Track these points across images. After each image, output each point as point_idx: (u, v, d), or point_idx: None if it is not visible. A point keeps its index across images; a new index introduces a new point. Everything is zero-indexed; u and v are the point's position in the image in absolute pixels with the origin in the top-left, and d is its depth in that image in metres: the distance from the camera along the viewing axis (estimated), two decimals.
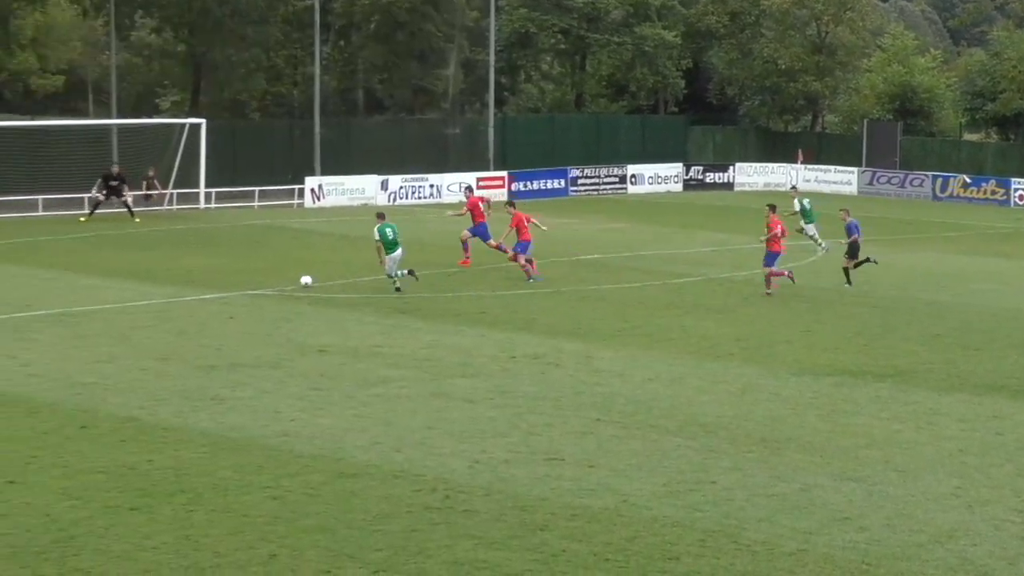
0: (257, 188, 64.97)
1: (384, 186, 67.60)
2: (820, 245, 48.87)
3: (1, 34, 74.04)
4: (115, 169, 56.07)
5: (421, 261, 42.43)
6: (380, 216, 39.39)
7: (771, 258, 39.70)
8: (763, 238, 40.08)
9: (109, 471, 20.38)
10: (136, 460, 21.00)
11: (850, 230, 41.22)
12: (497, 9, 78.32)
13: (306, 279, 38.72)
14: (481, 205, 44.34)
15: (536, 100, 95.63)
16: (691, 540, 17.74)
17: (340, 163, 69.20)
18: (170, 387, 26.02)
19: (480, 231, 43.88)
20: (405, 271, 38.53)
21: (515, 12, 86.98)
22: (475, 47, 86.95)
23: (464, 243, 43.96)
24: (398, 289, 38.06)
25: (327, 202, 64.44)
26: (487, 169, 73.74)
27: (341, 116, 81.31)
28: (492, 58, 76.45)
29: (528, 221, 41.48)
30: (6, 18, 72.99)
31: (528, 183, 73.27)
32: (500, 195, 70.89)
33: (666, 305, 37.44)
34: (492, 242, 43.45)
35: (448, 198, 68.57)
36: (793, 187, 65.52)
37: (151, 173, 61.77)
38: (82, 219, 55.42)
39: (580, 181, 75.88)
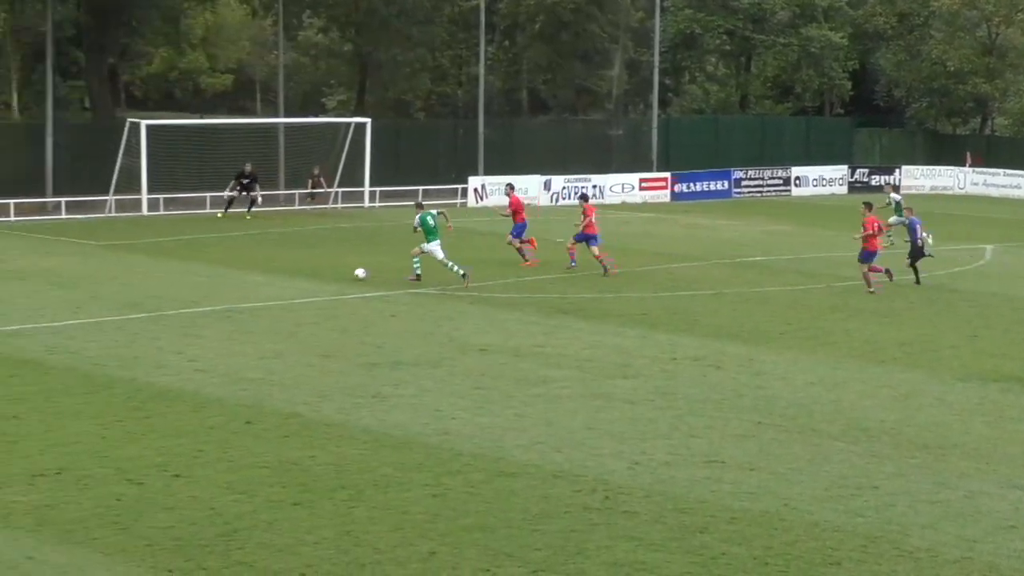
0: (420, 187, 65.45)
1: (547, 186, 67.73)
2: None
3: (172, 33, 75.30)
4: (248, 168, 56.68)
5: (583, 261, 42.43)
6: (419, 206, 40.37)
7: (867, 256, 39.85)
8: (857, 236, 40.30)
9: (273, 466, 20.64)
10: (299, 456, 21.24)
11: (913, 228, 41.08)
12: (662, 10, 78.11)
13: (360, 272, 39.15)
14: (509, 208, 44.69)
15: (700, 101, 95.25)
16: (852, 545, 17.54)
17: (503, 163, 69.45)
18: (333, 384, 26.29)
19: (518, 230, 44.07)
20: (462, 271, 38.91)
21: (680, 13, 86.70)
22: (639, 48, 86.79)
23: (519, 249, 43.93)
24: (464, 276, 38.68)
25: (490, 201, 64.69)
26: (649, 170, 73.58)
27: (505, 116, 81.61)
28: (656, 59, 76.24)
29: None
30: (177, 18, 74.22)
31: (691, 184, 72.98)
32: (663, 196, 70.72)
33: (830, 308, 37.07)
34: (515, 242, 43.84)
35: (611, 199, 68.52)
36: (888, 184, 64.61)
37: (316, 171, 62.45)
38: (219, 215, 56.18)
39: (743, 183, 75.42)
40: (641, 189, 71.00)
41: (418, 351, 29.64)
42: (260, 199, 57.15)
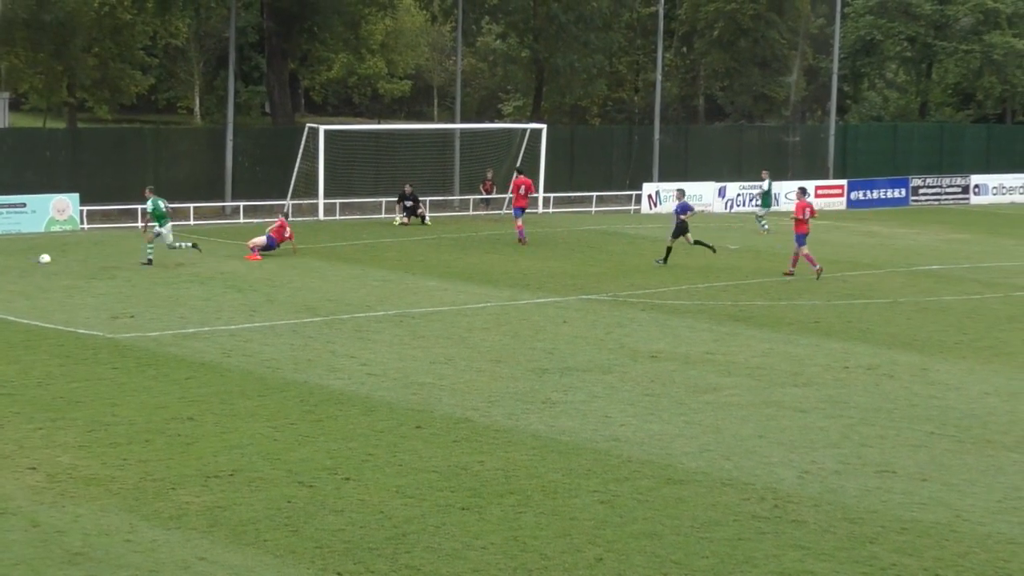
0: (595, 193, 65.46)
1: (721, 193, 67.33)
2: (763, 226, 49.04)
3: (352, 39, 76.10)
4: (407, 189, 56.75)
5: (756, 269, 42.14)
6: (151, 191, 43.02)
7: (799, 239, 42.32)
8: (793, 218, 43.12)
9: (442, 471, 20.76)
10: (468, 460, 21.35)
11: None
12: (842, 16, 77.29)
13: (44, 257, 41.36)
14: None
15: (879, 108, 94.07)
16: None
17: (678, 169, 69.21)
18: (503, 389, 26.38)
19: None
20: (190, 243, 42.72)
21: (860, 19, 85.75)
22: (818, 54, 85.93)
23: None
24: (194, 246, 42.67)
25: (664, 208, 64.45)
26: (826, 177, 72.82)
27: (680, 123, 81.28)
28: (836, 65, 75.46)
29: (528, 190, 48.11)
30: (357, 24, 75.01)
31: (867, 192, 72.09)
32: (839, 204, 69.99)
33: (1007, 318, 36.39)
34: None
35: (786, 206, 67.90)
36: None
37: (489, 176, 62.72)
38: (395, 222, 56.52)
39: (921, 191, 74.29)
40: (817, 196, 70.28)
41: (588, 357, 29.64)
42: (427, 217, 57.28)
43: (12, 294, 35.93)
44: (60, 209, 50.90)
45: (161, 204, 42.06)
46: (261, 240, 44.76)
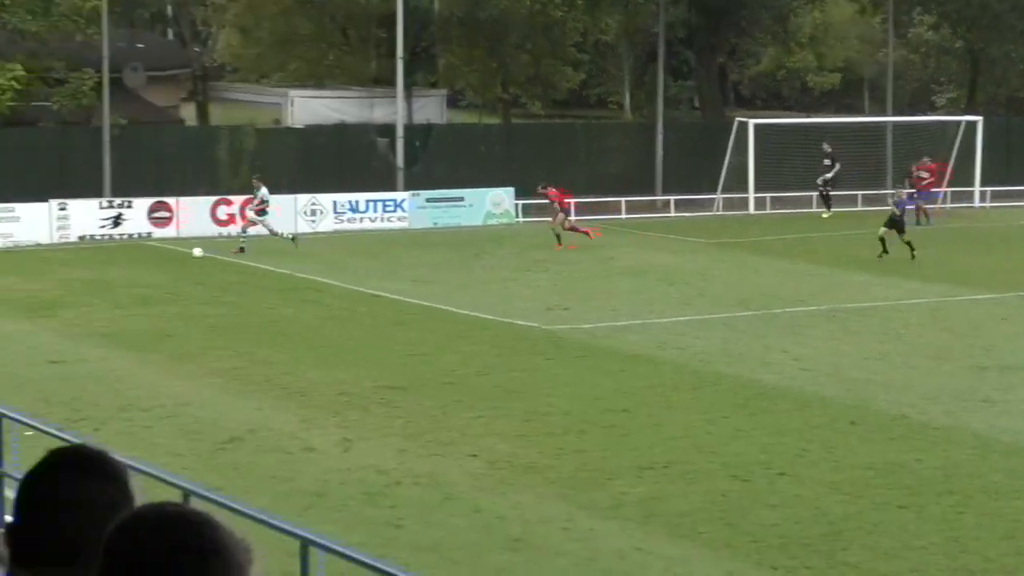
0: None
1: None
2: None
3: (780, 33, 75.66)
4: (826, 147, 56.02)
5: None
6: None
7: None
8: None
9: (878, 468, 20.46)
10: (905, 458, 20.98)
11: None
12: None
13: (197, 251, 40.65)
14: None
15: None
16: None
17: None
18: (940, 386, 25.82)
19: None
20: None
21: None
22: None
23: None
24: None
25: None
26: None
27: None
28: None
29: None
30: (787, 17, 74.51)
31: None
32: None
33: None
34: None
35: None
36: None
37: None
38: (824, 215, 55.72)
39: None
40: None
41: None
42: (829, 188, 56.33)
43: (453, 286, 37.03)
44: (496, 203, 52.18)
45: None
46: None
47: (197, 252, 40.98)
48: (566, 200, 45.96)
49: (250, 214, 43.24)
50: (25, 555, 3.43)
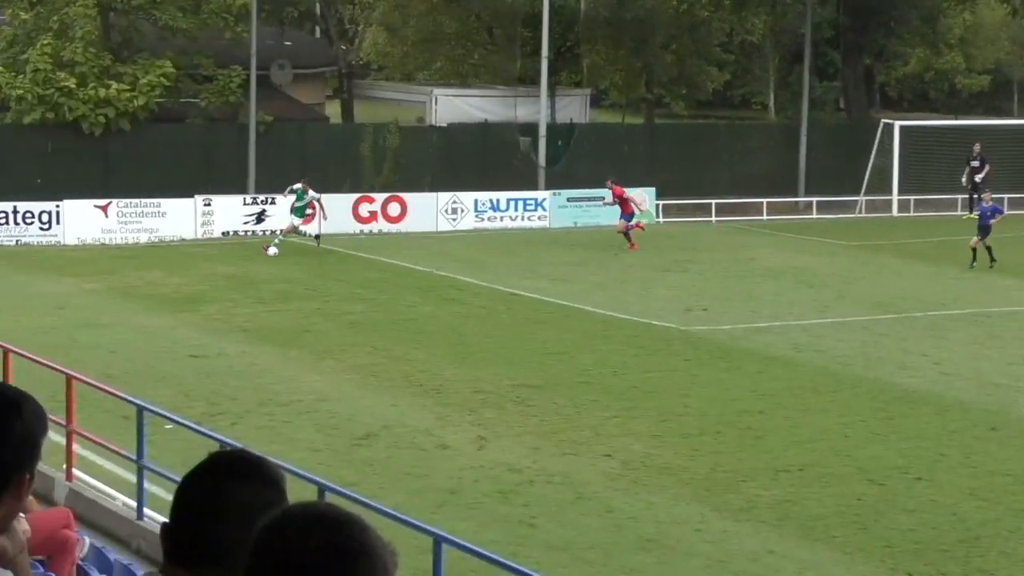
0: None
1: None
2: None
3: (929, 34, 74.76)
4: (976, 148, 55.07)
5: None
6: None
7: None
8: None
9: (1017, 474, 20.19)
10: None
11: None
12: None
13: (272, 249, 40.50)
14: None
15: None
16: None
17: None
18: None
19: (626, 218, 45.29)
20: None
21: None
22: None
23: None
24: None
25: None
26: None
27: None
28: None
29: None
30: (936, 18, 73.63)
31: None
32: None
33: None
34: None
35: None
36: None
37: None
38: (964, 217, 54.87)
39: None
40: None
41: None
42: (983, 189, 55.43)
43: (591, 285, 37.04)
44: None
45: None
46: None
47: (272, 251, 40.79)
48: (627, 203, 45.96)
49: (295, 218, 42.45)
50: (179, 554, 3.54)
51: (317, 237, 42.11)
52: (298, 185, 42.07)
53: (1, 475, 3.79)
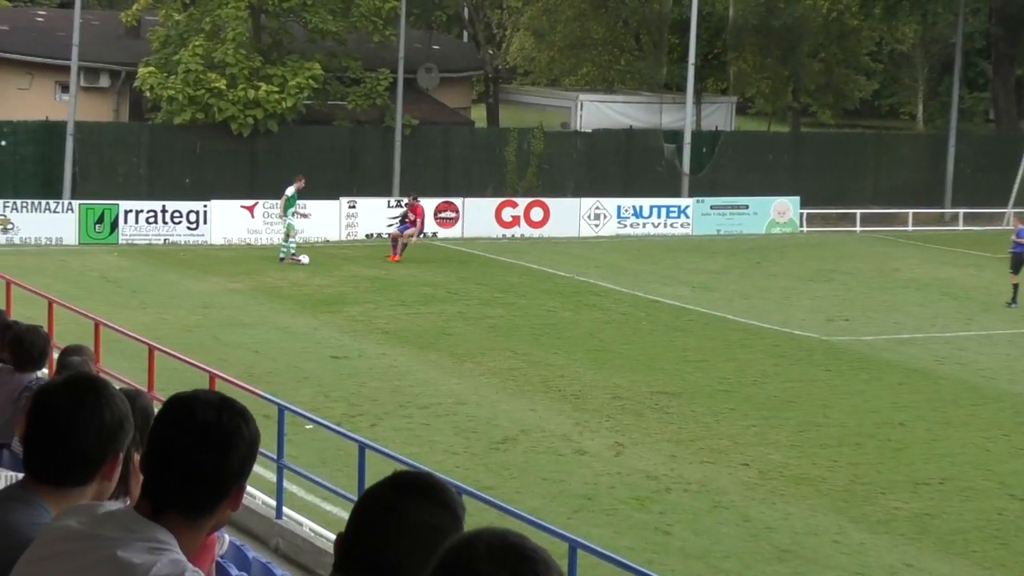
0: None
1: None
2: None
3: None
4: None
5: None
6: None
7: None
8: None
9: None
10: None
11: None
12: None
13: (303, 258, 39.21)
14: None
15: None
16: None
17: None
18: None
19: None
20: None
21: None
22: None
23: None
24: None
25: None
26: None
27: None
28: None
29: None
30: None
31: None
32: None
33: None
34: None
35: None
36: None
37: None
38: None
39: None
40: None
41: None
42: None
43: (732, 294, 36.88)
44: (781, 212, 51.78)
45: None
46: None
47: (304, 259, 40.02)
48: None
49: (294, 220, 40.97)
50: (349, 565, 3.64)
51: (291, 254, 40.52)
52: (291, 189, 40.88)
53: (226, 484, 3.88)
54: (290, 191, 40.82)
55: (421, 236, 42.72)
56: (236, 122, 46.51)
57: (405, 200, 43.74)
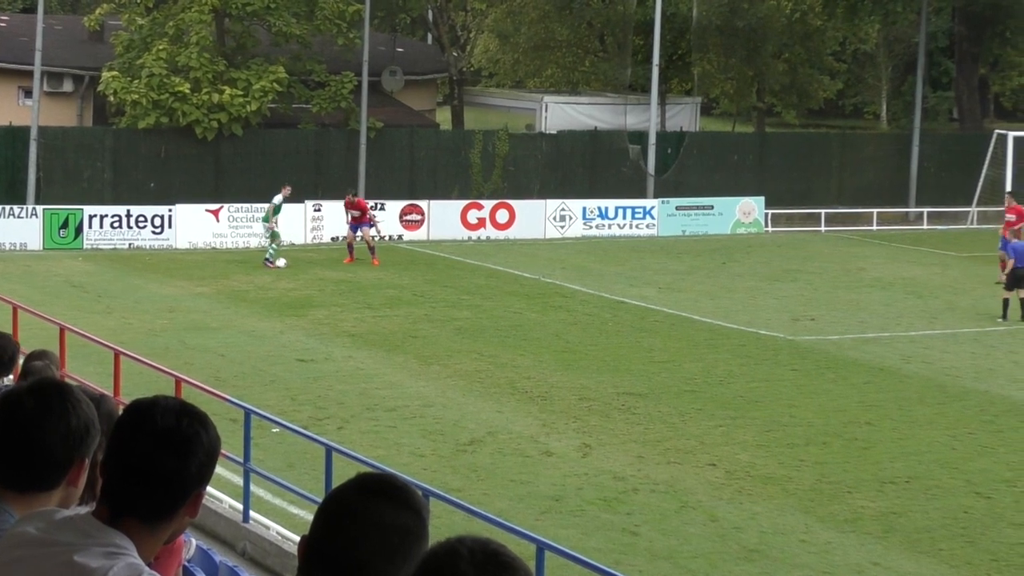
0: None
1: None
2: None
3: None
4: None
5: None
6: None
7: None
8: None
9: None
10: None
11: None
12: None
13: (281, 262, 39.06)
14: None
15: None
16: None
17: None
18: None
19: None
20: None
21: None
22: None
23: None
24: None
25: None
26: None
27: None
28: None
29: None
30: None
31: None
32: None
33: None
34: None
35: None
36: None
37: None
38: None
39: None
40: None
41: None
42: None
43: (698, 294, 36.95)
44: (746, 212, 51.91)
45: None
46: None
47: (281, 263, 39.85)
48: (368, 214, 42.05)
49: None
50: (316, 565, 3.64)
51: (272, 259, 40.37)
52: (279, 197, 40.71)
53: (185, 489, 3.88)
54: (278, 199, 40.80)
55: (377, 228, 42.51)
56: (200, 126, 46.39)
57: (343, 200, 43.01)
